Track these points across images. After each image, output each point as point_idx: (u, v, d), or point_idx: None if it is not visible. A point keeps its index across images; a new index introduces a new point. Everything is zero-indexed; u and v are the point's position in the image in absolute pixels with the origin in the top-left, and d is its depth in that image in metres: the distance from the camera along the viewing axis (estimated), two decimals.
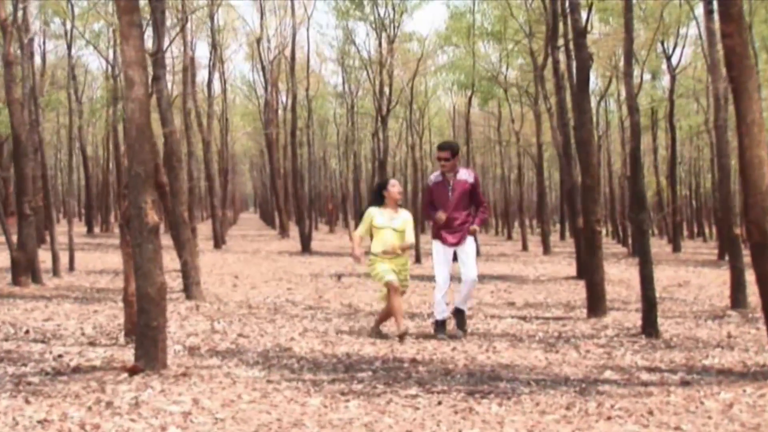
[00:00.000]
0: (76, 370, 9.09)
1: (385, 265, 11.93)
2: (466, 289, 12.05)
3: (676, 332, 12.54)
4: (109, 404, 7.53)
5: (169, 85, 37.70)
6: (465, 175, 12.10)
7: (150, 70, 14.72)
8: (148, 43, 16.86)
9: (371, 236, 12.15)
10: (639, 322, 12.68)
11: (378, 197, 12.22)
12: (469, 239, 12.04)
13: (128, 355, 9.50)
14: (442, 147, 12.22)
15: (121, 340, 10.96)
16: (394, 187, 12.20)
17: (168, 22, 32.21)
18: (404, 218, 12.12)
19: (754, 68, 8.71)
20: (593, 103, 33.20)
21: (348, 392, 8.22)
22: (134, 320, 9.51)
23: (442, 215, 11.80)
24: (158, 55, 15.87)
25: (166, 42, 18.51)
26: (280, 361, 9.92)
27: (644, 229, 12.17)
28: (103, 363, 9.46)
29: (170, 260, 18.87)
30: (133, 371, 8.69)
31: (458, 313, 12.21)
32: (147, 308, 8.85)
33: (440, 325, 12.07)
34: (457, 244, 11.94)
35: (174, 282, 18.27)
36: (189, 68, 30.86)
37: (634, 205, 12.50)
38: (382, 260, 11.96)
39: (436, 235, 12.02)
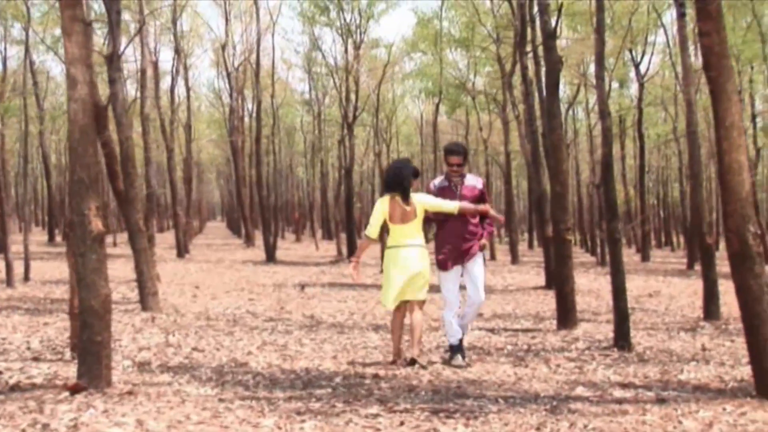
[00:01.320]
0: (15, 388, 8.54)
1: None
2: (472, 312, 10.84)
3: (649, 345, 12.11)
4: (45, 426, 6.99)
5: (133, 90, 37.28)
6: (473, 180, 10.84)
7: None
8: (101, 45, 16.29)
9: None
10: (610, 334, 12.25)
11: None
12: (479, 255, 10.68)
13: (73, 371, 8.93)
14: (453, 151, 10.77)
15: (67, 355, 10.41)
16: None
17: (132, 27, 31.75)
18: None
19: (733, 69, 8.27)
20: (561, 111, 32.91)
21: (305, 411, 7.70)
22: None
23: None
24: (114, 57, 15.31)
25: (123, 44, 17.88)
26: (234, 378, 9.39)
27: (616, 238, 11.70)
28: (44, 380, 8.92)
29: (131, 270, 18.34)
30: (74, 390, 8.14)
31: (458, 346, 10.64)
32: (90, 322, 8.32)
33: (456, 350, 10.49)
34: (467, 254, 10.53)
35: (132, 292, 17.73)
36: (148, 72, 30.00)
37: (606, 213, 12.01)
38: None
39: (442, 261, 10.62)
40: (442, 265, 10.57)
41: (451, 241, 10.52)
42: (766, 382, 8.04)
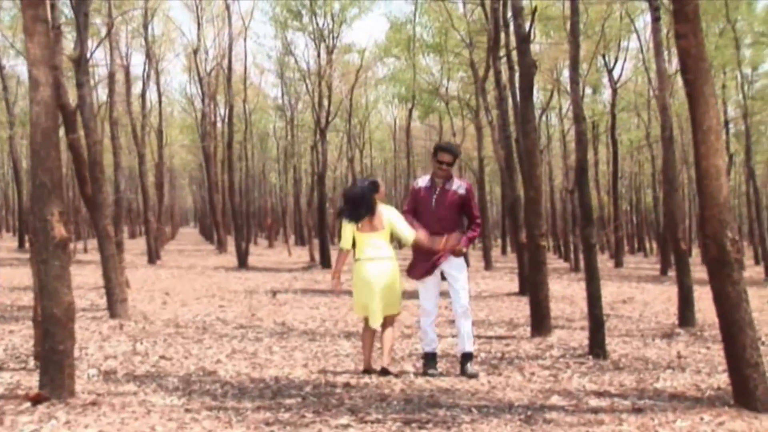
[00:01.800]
0: None
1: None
2: (463, 325, 10.19)
3: (624, 352, 11.98)
4: None
5: (105, 95, 36.90)
6: (456, 185, 10.25)
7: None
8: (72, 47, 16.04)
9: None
10: (585, 342, 12.10)
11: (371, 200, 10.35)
12: (458, 262, 10.23)
13: (36, 380, 8.66)
14: (443, 149, 10.36)
15: (31, 364, 10.15)
16: (381, 188, 10.50)
17: (104, 32, 31.39)
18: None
19: (711, 71, 8.12)
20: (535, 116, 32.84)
21: (273, 422, 7.49)
22: None
23: (426, 238, 10.05)
24: (82, 61, 15.06)
25: (92, 47, 17.63)
26: (202, 387, 9.17)
27: (591, 244, 11.55)
28: (6, 390, 8.67)
29: (100, 276, 18.08)
30: (36, 400, 7.91)
31: (465, 359, 10.24)
32: (53, 330, 8.07)
33: (430, 359, 10.30)
34: (439, 262, 10.13)
35: (101, 299, 17.46)
36: (117, 76, 29.76)
37: (581, 219, 11.84)
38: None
39: (411, 271, 10.43)
40: (412, 273, 10.42)
41: (423, 250, 10.22)
42: (745, 391, 7.89)
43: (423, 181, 10.47)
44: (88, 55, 16.07)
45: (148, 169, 49.81)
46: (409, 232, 10.11)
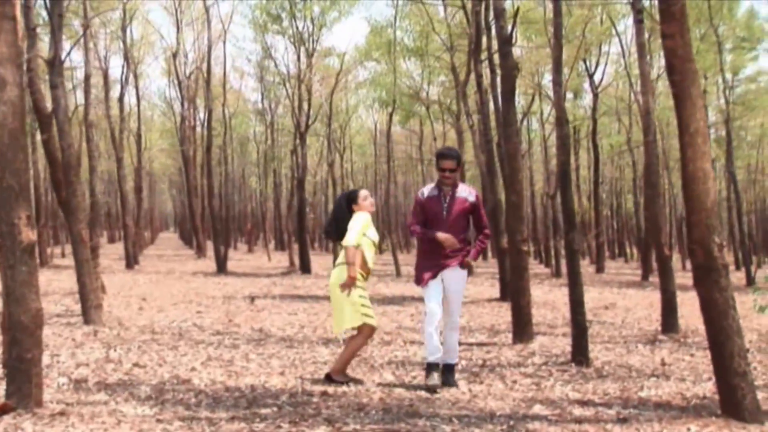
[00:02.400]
0: None
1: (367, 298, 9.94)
2: (451, 338, 9.74)
3: (608, 359, 11.78)
4: None
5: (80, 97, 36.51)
6: (465, 192, 9.79)
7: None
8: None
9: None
10: (567, 348, 11.91)
11: (346, 212, 10.04)
12: (461, 275, 9.72)
13: (3, 389, 8.42)
14: (445, 155, 9.84)
15: None
16: (366, 200, 10.05)
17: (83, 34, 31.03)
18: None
19: (697, 72, 7.92)
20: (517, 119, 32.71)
21: None
22: None
23: (442, 236, 9.57)
24: (56, 62, 14.77)
25: (67, 49, 17.34)
26: (175, 396, 8.90)
27: (574, 250, 11.33)
28: None
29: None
30: (2, 410, 7.65)
31: (447, 370, 9.73)
32: (20, 338, 7.81)
33: (433, 370, 9.54)
34: (444, 267, 9.61)
35: (77, 305, 17.15)
36: (93, 78, 29.44)
37: (564, 224, 11.61)
38: (364, 285, 9.94)
39: (418, 276, 9.81)
40: (418, 280, 9.79)
41: (430, 257, 9.73)
42: (732, 400, 7.69)
43: (428, 190, 9.92)
44: (63, 57, 15.73)
45: (128, 174, 49.49)
46: (348, 240, 9.72)
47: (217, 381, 9.89)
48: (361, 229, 9.78)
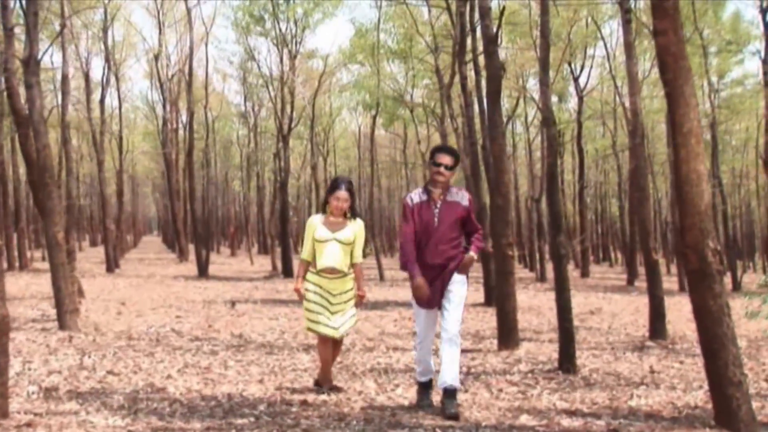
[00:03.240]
0: None
1: (317, 303, 9.35)
2: (448, 353, 8.38)
3: (595, 366, 11.50)
4: None
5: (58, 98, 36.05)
6: (457, 196, 8.64)
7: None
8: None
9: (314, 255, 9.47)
10: (554, 355, 11.64)
11: (324, 203, 9.58)
12: (459, 278, 8.61)
13: None
14: (442, 149, 8.82)
15: None
16: (338, 200, 9.32)
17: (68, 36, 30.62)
18: (354, 229, 9.38)
19: (691, 70, 7.63)
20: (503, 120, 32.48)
21: None
22: None
23: (421, 282, 8.40)
24: (31, 61, 14.40)
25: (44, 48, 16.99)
26: (149, 405, 8.56)
27: (561, 254, 11.02)
28: None
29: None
30: None
31: (447, 395, 8.37)
32: None
33: (424, 389, 8.76)
34: (438, 278, 8.50)
35: (54, 310, 16.77)
36: (78, 82, 29.05)
37: (551, 227, 11.29)
38: (317, 286, 9.37)
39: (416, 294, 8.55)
40: (417, 300, 8.60)
41: (426, 269, 8.53)
42: (727, 410, 7.40)
43: (417, 196, 8.65)
44: (40, 57, 15.39)
45: (110, 177, 49.08)
46: (304, 253, 9.71)
47: (193, 389, 9.56)
48: (307, 237, 9.54)
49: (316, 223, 9.44)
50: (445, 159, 8.56)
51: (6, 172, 36.43)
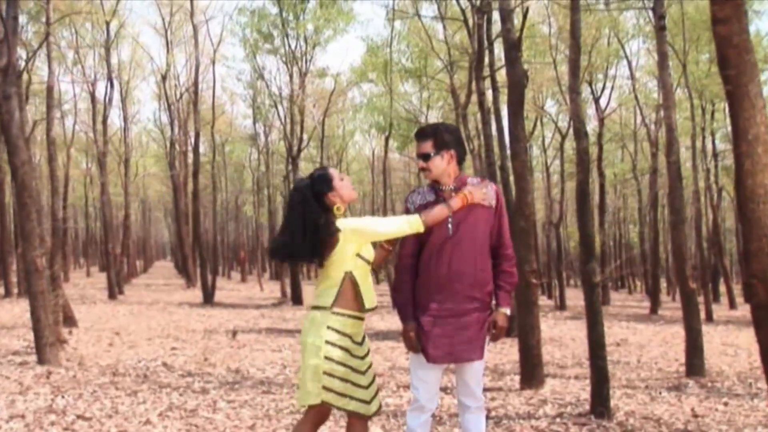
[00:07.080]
0: None
1: (343, 363, 5.77)
2: (473, 424, 6.04)
3: (630, 409, 10.19)
4: None
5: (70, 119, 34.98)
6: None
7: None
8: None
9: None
10: (582, 395, 10.37)
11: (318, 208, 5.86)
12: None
13: None
14: (417, 135, 6.00)
15: None
16: (345, 181, 6.04)
17: (71, 56, 29.67)
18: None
19: (757, 65, 6.36)
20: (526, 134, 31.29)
21: None
22: None
23: (411, 331, 5.85)
24: (9, 70, 13.21)
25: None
26: None
27: (594, 283, 9.70)
28: None
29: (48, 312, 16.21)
30: None
31: None
32: None
33: None
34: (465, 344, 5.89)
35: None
36: (84, 104, 27.96)
37: (582, 253, 9.95)
38: (344, 335, 5.80)
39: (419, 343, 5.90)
40: (427, 350, 5.90)
41: (437, 308, 5.87)
42: None
43: (420, 195, 6.06)
44: (24, 66, 14.21)
45: (121, 200, 47.99)
46: (396, 224, 5.94)
47: None
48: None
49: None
50: (422, 147, 5.91)
51: (4, 193, 35.22)
